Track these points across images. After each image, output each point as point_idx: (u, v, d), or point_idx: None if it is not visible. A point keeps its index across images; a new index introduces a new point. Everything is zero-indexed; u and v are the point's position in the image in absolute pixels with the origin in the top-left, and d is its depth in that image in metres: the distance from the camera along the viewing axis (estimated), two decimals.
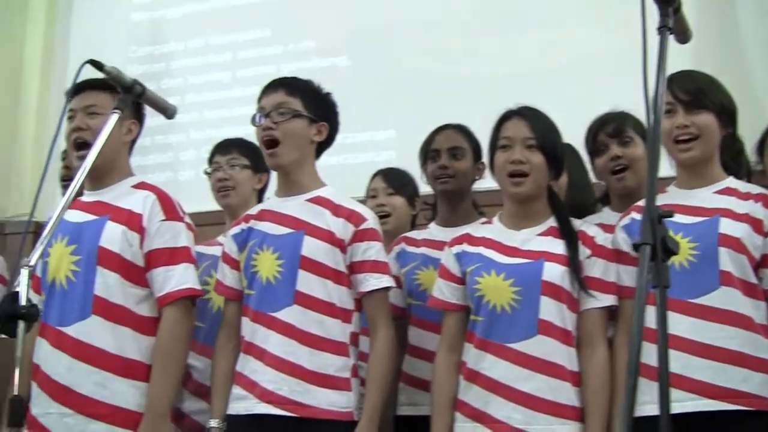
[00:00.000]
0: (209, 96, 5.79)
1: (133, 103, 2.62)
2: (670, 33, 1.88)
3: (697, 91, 2.60)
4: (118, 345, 2.74)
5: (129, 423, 2.70)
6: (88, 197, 2.91)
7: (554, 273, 2.61)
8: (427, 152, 3.27)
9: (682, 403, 2.35)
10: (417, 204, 3.67)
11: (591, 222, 2.85)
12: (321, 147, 2.94)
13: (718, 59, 4.13)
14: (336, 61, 5.43)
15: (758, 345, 2.47)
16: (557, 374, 2.58)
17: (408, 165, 3.62)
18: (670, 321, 1.70)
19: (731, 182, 2.66)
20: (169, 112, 2.63)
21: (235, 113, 5.09)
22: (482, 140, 3.11)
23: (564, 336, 2.60)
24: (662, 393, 1.55)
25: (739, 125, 2.72)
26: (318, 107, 2.90)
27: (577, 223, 2.74)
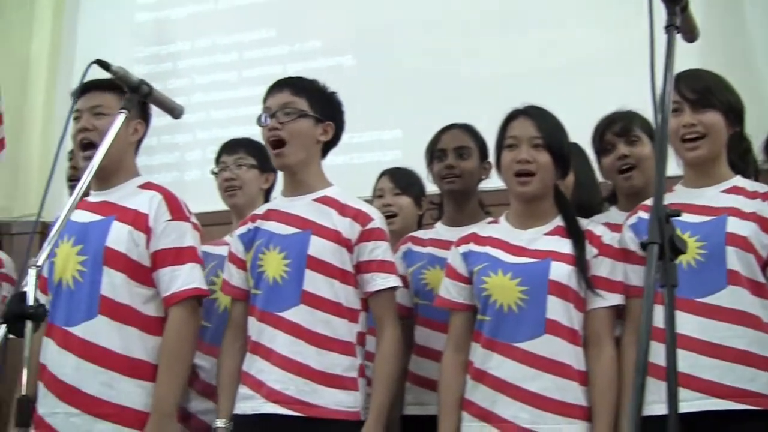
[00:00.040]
0: (215, 96, 5.79)
1: (139, 103, 2.63)
2: (678, 32, 1.88)
3: (704, 90, 2.60)
4: (125, 345, 2.75)
5: (135, 423, 2.71)
6: (95, 197, 2.91)
7: (561, 272, 2.61)
8: (434, 152, 3.27)
9: (690, 403, 2.34)
10: (423, 204, 3.67)
11: (598, 221, 2.85)
12: (327, 146, 2.94)
13: (725, 58, 4.11)
14: (342, 61, 5.43)
15: (766, 344, 2.46)
16: (564, 374, 2.57)
17: (414, 164, 3.61)
18: (678, 320, 1.69)
19: (738, 181, 2.65)
20: (176, 112, 2.63)
21: (242, 113, 5.08)
22: (488, 140, 3.11)
23: (571, 335, 2.60)
24: (670, 392, 1.55)
25: (746, 124, 2.72)
26: (324, 107, 2.90)
27: (584, 223, 2.74)
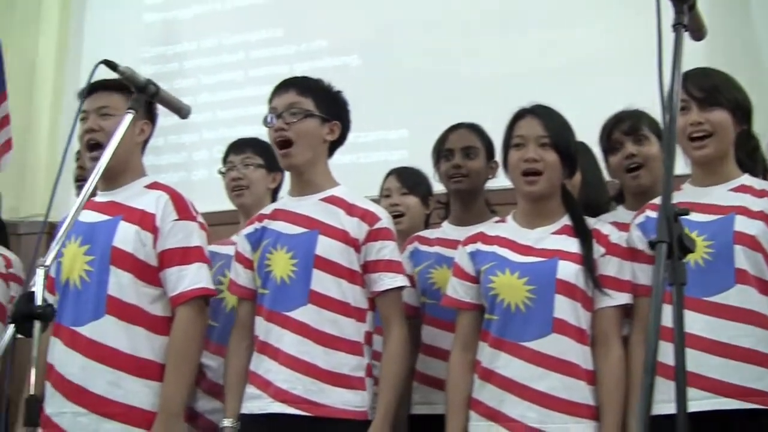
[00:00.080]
0: (222, 96, 5.79)
1: (146, 104, 2.62)
2: (685, 30, 1.87)
3: (712, 88, 2.59)
4: (132, 344, 2.75)
5: (142, 422, 2.71)
6: (101, 197, 2.92)
7: (568, 271, 2.61)
8: (441, 151, 3.26)
9: (698, 402, 2.33)
10: (430, 203, 3.67)
11: (605, 221, 2.84)
12: (333, 145, 2.94)
13: (732, 56, 4.10)
14: (348, 61, 5.42)
15: None
16: (572, 373, 2.57)
17: (420, 164, 3.61)
18: (685, 319, 1.69)
19: (746, 179, 2.64)
20: (183, 112, 2.63)
21: (248, 113, 5.07)
22: (494, 139, 3.11)
23: (578, 334, 2.60)
24: (679, 392, 1.54)
25: (754, 122, 2.71)
26: (329, 106, 2.90)
27: (591, 222, 2.73)
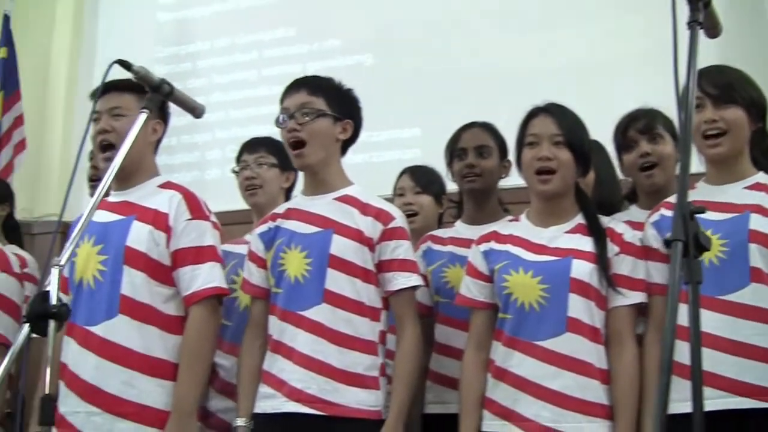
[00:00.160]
0: (235, 95, 5.81)
1: (158, 103, 2.62)
2: (700, 27, 1.86)
3: (726, 86, 2.58)
4: (145, 344, 2.75)
5: (156, 421, 2.71)
6: (115, 197, 2.92)
7: (582, 270, 2.60)
8: (454, 150, 3.26)
9: (712, 401, 2.32)
10: (444, 202, 3.66)
11: (619, 219, 2.83)
12: (346, 144, 2.94)
13: (747, 54, 4.08)
14: (361, 60, 5.44)
15: None
16: (586, 372, 2.56)
17: (433, 163, 3.61)
18: (701, 318, 1.69)
19: (761, 177, 2.63)
20: (198, 112, 2.63)
21: (261, 112, 5.09)
22: (508, 138, 3.10)
23: (592, 333, 2.59)
24: (695, 391, 1.53)
25: None
26: (341, 105, 2.89)
27: (605, 220, 2.73)
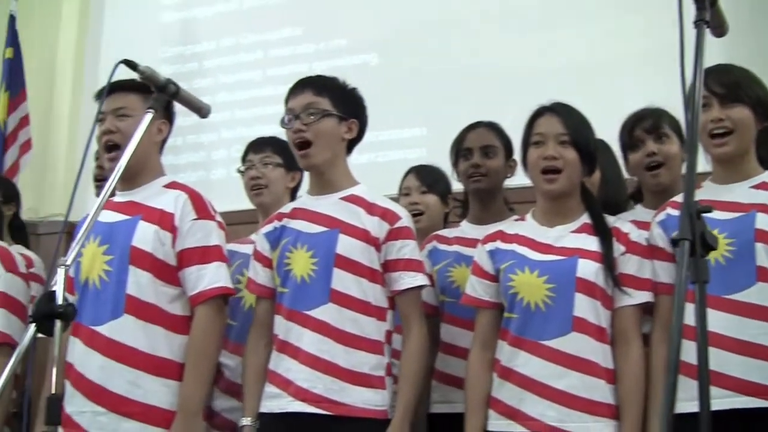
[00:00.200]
0: (240, 95, 5.81)
1: (164, 103, 2.62)
2: (707, 26, 1.86)
3: (733, 85, 2.57)
4: (150, 344, 2.75)
5: (161, 421, 2.71)
6: (120, 197, 2.92)
7: (588, 270, 2.60)
8: (459, 150, 3.26)
9: (719, 400, 2.31)
10: (449, 201, 3.66)
11: (624, 219, 2.83)
12: (352, 143, 2.93)
13: (753, 53, 4.07)
14: (367, 59, 5.43)
15: None
16: (591, 371, 2.56)
17: (438, 162, 3.60)
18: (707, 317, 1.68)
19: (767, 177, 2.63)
20: (204, 111, 2.63)
21: (267, 112, 5.08)
22: (513, 137, 3.10)
23: (598, 333, 2.59)
24: (702, 390, 1.53)
25: None
26: (346, 104, 2.89)
27: (611, 220, 2.72)
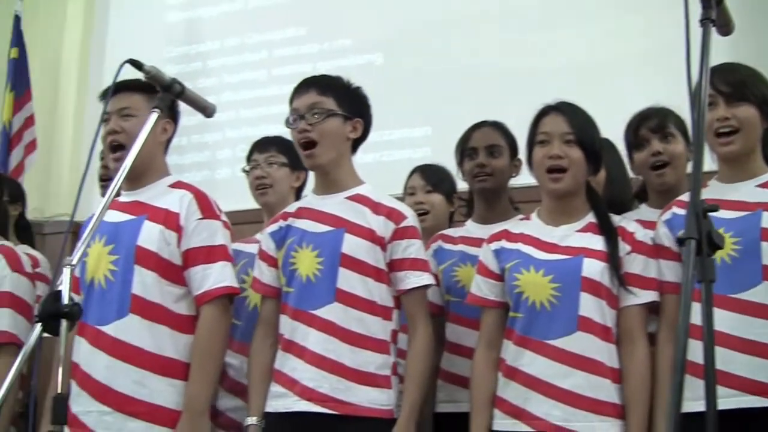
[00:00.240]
0: (245, 95, 5.81)
1: (169, 102, 2.62)
2: (713, 25, 1.86)
3: (738, 83, 2.57)
4: (156, 343, 2.76)
5: (167, 421, 2.72)
6: (125, 197, 2.92)
7: (594, 269, 2.59)
8: (465, 150, 3.25)
9: (725, 400, 2.30)
10: (455, 200, 3.65)
11: (629, 218, 2.83)
12: (356, 142, 2.93)
13: (758, 52, 4.07)
14: (371, 59, 5.43)
15: None
16: (597, 371, 2.56)
17: (443, 162, 3.60)
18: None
19: None
20: (209, 111, 2.63)
21: (272, 111, 5.09)
22: (518, 136, 3.10)
23: (604, 332, 2.58)
24: (708, 390, 1.53)
25: None
26: (351, 103, 2.89)
27: (617, 219, 2.72)
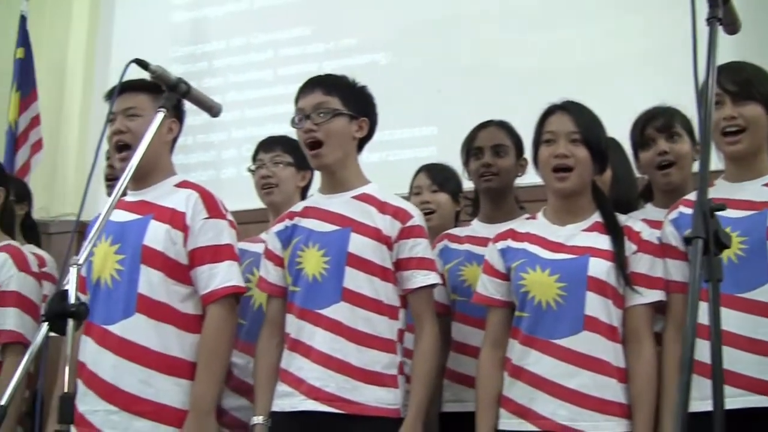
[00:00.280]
0: (251, 94, 5.82)
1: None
2: (720, 24, 1.85)
3: (745, 82, 2.56)
4: (162, 343, 2.76)
5: (173, 420, 2.72)
6: (132, 197, 2.92)
7: (600, 269, 2.59)
8: (470, 149, 3.25)
9: (731, 399, 2.29)
10: (460, 200, 3.65)
11: (636, 218, 2.82)
12: (362, 141, 2.93)
13: (763, 50, 4.06)
14: (377, 59, 5.43)
15: None
16: (603, 371, 2.56)
17: (449, 161, 3.60)
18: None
19: None
20: (215, 110, 2.63)
21: (277, 111, 5.09)
22: (524, 136, 3.09)
23: (610, 332, 2.58)
24: (716, 390, 1.53)
25: None
26: (356, 103, 2.89)
27: (623, 219, 2.72)
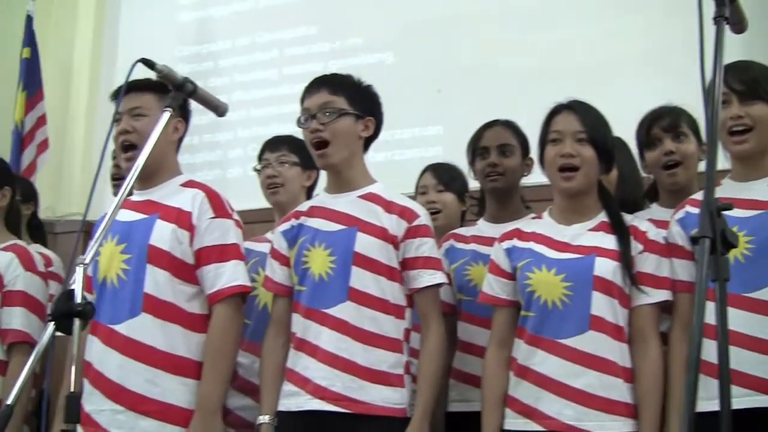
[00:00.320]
0: (256, 94, 5.82)
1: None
2: (727, 23, 1.85)
3: (752, 81, 2.56)
4: (168, 342, 2.76)
5: (179, 420, 2.72)
6: (138, 196, 2.93)
7: (606, 268, 2.59)
8: (476, 149, 3.25)
9: (737, 399, 2.27)
10: (466, 199, 3.65)
11: (642, 218, 2.82)
12: (368, 141, 2.93)
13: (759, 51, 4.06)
14: (383, 58, 5.42)
15: None
16: (609, 370, 2.56)
17: (455, 161, 3.60)
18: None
19: None
20: (221, 110, 2.62)
21: (283, 111, 5.10)
22: (530, 135, 3.09)
23: (616, 332, 2.58)
24: (723, 389, 1.53)
25: None
26: (362, 102, 2.89)
27: (629, 218, 2.72)
